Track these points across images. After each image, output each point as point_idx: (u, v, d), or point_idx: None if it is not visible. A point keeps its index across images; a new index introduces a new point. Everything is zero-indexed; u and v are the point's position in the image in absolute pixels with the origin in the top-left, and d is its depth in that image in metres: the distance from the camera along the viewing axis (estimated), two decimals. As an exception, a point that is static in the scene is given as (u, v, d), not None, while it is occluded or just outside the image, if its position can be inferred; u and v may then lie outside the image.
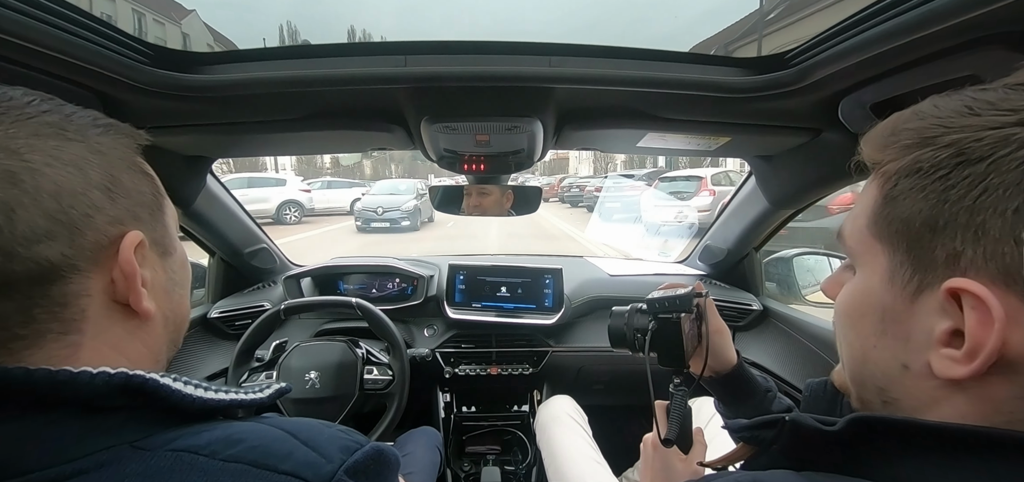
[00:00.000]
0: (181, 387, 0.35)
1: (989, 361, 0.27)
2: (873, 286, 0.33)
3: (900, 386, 0.32)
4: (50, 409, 0.31)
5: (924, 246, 0.30)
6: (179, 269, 0.44)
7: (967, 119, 0.28)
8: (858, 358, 0.36)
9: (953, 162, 0.28)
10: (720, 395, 0.74)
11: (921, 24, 0.50)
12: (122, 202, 0.36)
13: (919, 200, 0.30)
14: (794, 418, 0.33)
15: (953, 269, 0.28)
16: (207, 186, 1.18)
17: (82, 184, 0.33)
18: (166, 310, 0.42)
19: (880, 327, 0.33)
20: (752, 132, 0.87)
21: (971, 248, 0.28)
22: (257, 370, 1.14)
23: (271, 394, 0.43)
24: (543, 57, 0.71)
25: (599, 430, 1.22)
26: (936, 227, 0.29)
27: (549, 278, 1.49)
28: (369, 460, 0.36)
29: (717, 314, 0.70)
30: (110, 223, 0.35)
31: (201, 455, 0.31)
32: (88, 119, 0.36)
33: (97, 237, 0.34)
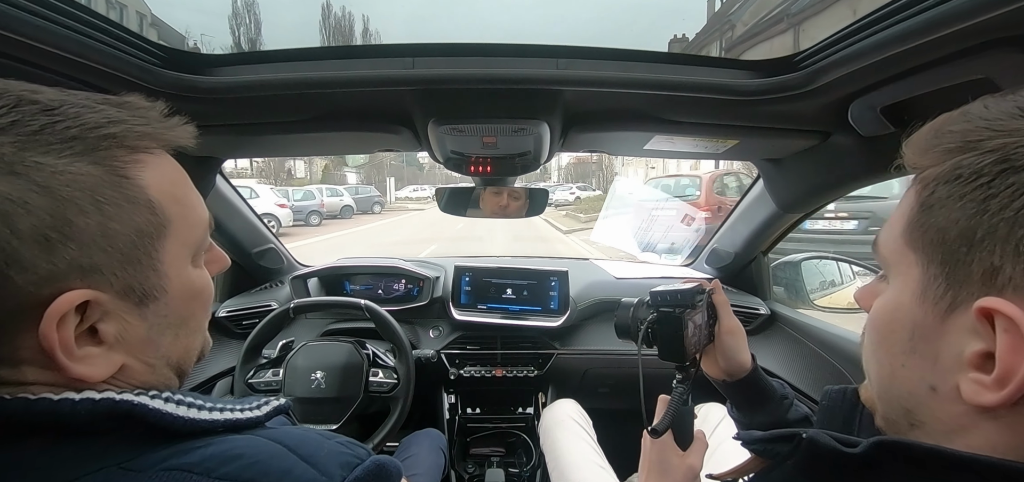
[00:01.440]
0: (172, 408, 0.33)
1: (1021, 389, 0.25)
2: (904, 300, 0.31)
3: (927, 409, 0.30)
4: (31, 436, 0.30)
5: (959, 260, 0.27)
6: (177, 307, 0.37)
7: (1017, 122, 0.26)
8: (886, 376, 0.34)
9: (996, 169, 0.26)
10: (734, 400, 0.72)
11: (932, 27, 0.49)
12: (66, 253, 0.29)
13: (957, 209, 0.27)
14: (812, 437, 0.31)
15: (989, 286, 0.26)
16: (216, 187, 1.20)
17: (4, 237, 0.27)
18: (149, 358, 0.36)
19: (909, 345, 0.31)
20: (760, 135, 0.86)
21: (1011, 264, 0.25)
22: (264, 368, 1.15)
23: (268, 412, 0.39)
24: (550, 60, 0.71)
25: (604, 434, 1.22)
26: (973, 240, 0.27)
27: (555, 280, 1.49)
28: (370, 475, 0.35)
29: (731, 314, 0.68)
30: (37, 284, 0.29)
31: (194, 473, 0.30)
32: (67, 134, 0.30)
33: (17, 301, 0.29)
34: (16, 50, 0.53)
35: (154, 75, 0.66)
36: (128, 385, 0.35)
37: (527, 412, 1.55)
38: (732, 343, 0.67)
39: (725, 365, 0.68)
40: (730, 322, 0.68)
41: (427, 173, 42.98)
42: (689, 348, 0.64)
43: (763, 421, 0.69)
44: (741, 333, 0.69)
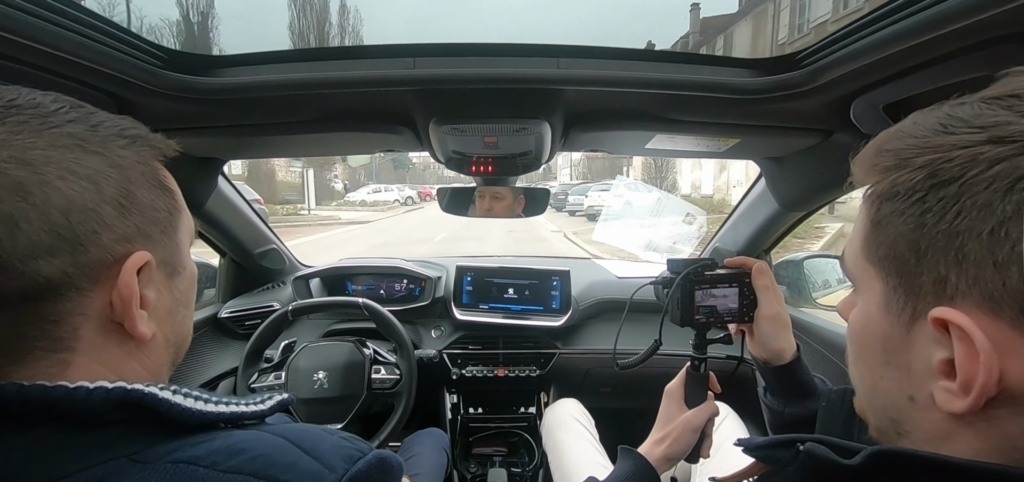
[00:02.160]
0: (180, 400, 0.34)
1: (984, 394, 0.25)
2: (872, 313, 0.32)
3: (910, 418, 0.31)
4: (45, 424, 0.30)
5: (912, 272, 0.28)
6: (186, 288, 0.43)
7: (940, 138, 0.27)
8: (868, 388, 0.34)
9: (927, 185, 0.27)
10: (770, 385, 0.73)
11: (934, 24, 0.49)
12: (134, 219, 0.35)
13: (900, 224, 0.28)
14: (809, 449, 0.31)
15: (941, 296, 0.27)
16: (218, 188, 1.20)
17: (94, 199, 0.32)
18: (168, 332, 0.40)
19: (884, 357, 0.32)
20: (762, 134, 0.86)
21: (955, 274, 0.26)
22: (266, 371, 1.15)
23: (272, 406, 0.42)
24: (551, 59, 0.71)
25: (606, 434, 1.21)
26: (919, 252, 0.27)
27: (557, 280, 1.49)
28: (372, 469, 0.36)
29: (772, 301, 0.69)
30: (117, 241, 0.34)
31: (201, 467, 0.31)
32: (115, 129, 0.36)
33: (101, 255, 0.33)
34: (18, 51, 0.54)
35: (156, 76, 0.66)
36: (151, 363, 0.39)
37: (529, 412, 1.55)
38: (769, 329, 0.68)
39: (763, 350, 0.69)
40: (769, 309, 0.68)
41: (410, 172, 40.56)
42: (697, 316, 0.68)
43: (795, 413, 0.68)
44: (780, 320, 0.68)
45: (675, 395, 0.75)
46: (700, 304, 0.68)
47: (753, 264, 0.70)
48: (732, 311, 0.70)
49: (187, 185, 1.08)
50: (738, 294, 0.69)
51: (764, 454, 0.36)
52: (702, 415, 0.72)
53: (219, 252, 1.48)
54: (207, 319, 1.41)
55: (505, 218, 1.17)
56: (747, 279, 0.70)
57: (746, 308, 0.70)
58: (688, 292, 0.68)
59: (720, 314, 0.69)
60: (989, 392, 0.25)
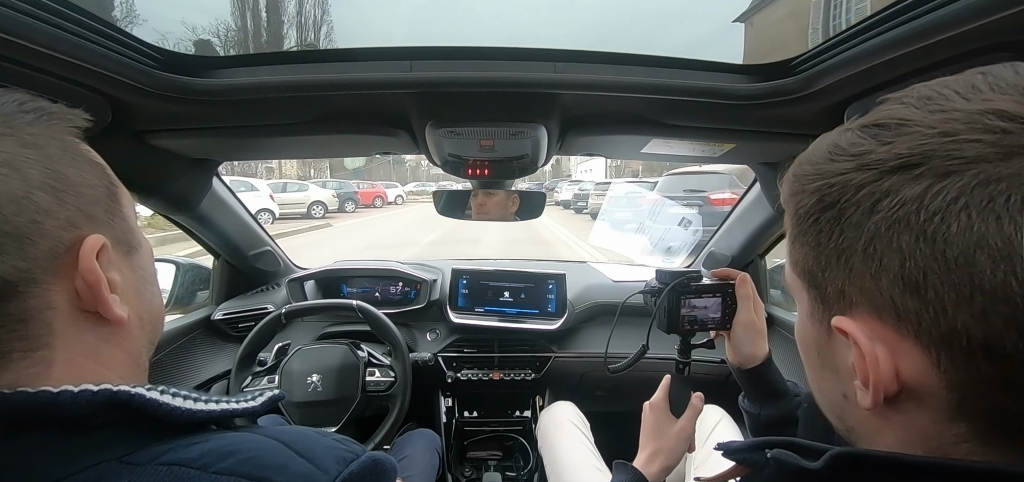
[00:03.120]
0: (169, 399, 0.34)
1: (882, 390, 0.28)
2: (804, 322, 0.35)
3: (850, 415, 0.33)
4: (31, 430, 0.30)
5: (820, 285, 0.31)
6: (147, 263, 0.42)
7: (827, 165, 0.30)
8: (816, 389, 0.37)
9: (818, 208, 0.30)
10: (745, 389, 0.76)
11: (927, 32, 0.49)
12: (71, 200, 0.33)
13: (805, 243, 0.32)
14: (775, 455, 0.33)
15: (842, 305, 0.30)
16: (213, 189, 1.19)
17: (22, 187, 0.30)
18: (140, 311, 0.39)
19: (819, 361, 0.34)
20: (757, 139, 0.87)
21: (847, 286, 0.29)
22: (260, 374, 1.14)
23: (264, 403, 0.41)
24: (548, 63, 0.71)
25: (601, 437, 1.21)
26: (821, 268, 0.31)
27: (552, 283, 1.49)
28: (365, 471, 0.35)
29: (751, 310, 0.73)
30: (62, 227, 0.32)
31: (192, 469, 0.30)
32: (12, 106, 0.33)
33: (51, 245, 0.32)
34: (12, 52, 0.53)
35: (151, 77, 0.66)
36: (131, 348, 0.38)
37: (524, 415, 1.55)
38: (743, 335, 0.73)
39: (736, 354, 0.74)
40: (746, 316, 0.73)
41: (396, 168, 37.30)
42: (682, 324, 0.73)
43: (771, 414, 0.72)
44: (755, 328, 0.73)
45: (660, 407, 0.78)
46: (686, 313, 0.73)
47: (737, 275, 0.75)
48: (715, 319, 0.74)
49: (182, 186, 1.08)
50: (721, 303, 0.74)
51: (742, 457, 0.38)
52: (692, 421, 0.77)
53: (213, 253, 1.47)
54: (200, 321, 1.40)
55: (500, 221, 1.17)
56: (730, 289, 0.74)
57: (727, 316, 0.74)
58: (674, 302, 0.73)
59: (703, 322, 0.74)
60: (888, 388, 0.28)
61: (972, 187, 0.23)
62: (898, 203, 0.25)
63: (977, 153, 0.24)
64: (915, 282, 0.25)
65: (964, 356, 0.25)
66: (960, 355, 0.25)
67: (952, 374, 0.25)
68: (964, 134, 0.24)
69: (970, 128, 0.24)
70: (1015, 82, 0.25)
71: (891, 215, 0.26)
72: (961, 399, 0.26)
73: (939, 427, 0.27)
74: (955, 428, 0.27)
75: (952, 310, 0.24)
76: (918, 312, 0.25)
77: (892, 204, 0.26)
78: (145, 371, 0.41)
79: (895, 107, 0.28)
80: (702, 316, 0.74)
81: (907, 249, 0.25)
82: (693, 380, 0.81)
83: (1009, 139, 0.23)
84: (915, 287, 0.25)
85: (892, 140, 0.27)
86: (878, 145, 0.27)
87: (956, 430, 0.27)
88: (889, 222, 0.26)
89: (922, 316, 0.25)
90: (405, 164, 40.80)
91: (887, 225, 0.26)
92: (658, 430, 0.77)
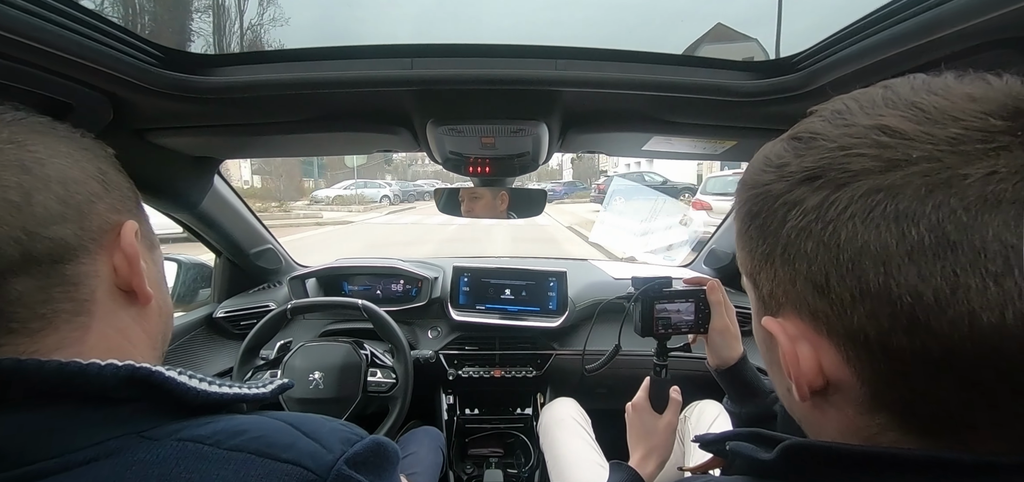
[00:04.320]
0: (186, 380, 0.36)
1: (805, 385, 0.29)
2: (755, 320, 0.37)
3: (795, 408, 0.35)
4: (61, 400, 0.32)
5: (758, 285, 0.33)
6: (161, 262, 0.46)
7: (758, 175, 0.32)
8: (771, 382, 0.39)
9: (749, 217, 0.32)
10: (725, 388, 0.81)
11: (929, 29, 0.49)
12: (115, 193, 0.39)
13: (742, 249, 0.34)
14: (733, 447, 0.35)
15: (774, 306, 0.32)
16: (214, 187, 1.19)
17: (81, 174, 0.36)
18: (160, 300, 0.43)
19: (768, 356, 0.36)
20: (759, 136, 0.87)
21: (776, 288, 0.31)
22: (262, 369, 1.15)
23: (274, 389, 0.44)
24: (549, 60, 0.71)
25: (603, 434, 1.22)
26: (755, 270, 0.33)
27: (553, 281, 1.49)
28: (369, 452, 0.37)
29: (723, 314, 0.78)
30: (109, 210, 0.38)
31: (206, 444, 0.32)
32: (65, 125, 0.38)
33: (100, 222, 0.37)
34: (14, 50, 0.53)
35: (152, 75, 0.66)
36: (153, 330, 0.42)
37: (525, 413, 1.55)
38: (718, 340, 0.78)
39: (713, 357, 0.79)
40: (719, 322, 0.78)
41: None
42: (657, 328, 0.78)
43: (751, 412, 0.77)
44: (729, 332, 0.78)
45: (644, 407, 0.82)
46: (659, 317, 0.78)
47: (707, 282, 0.80)
48: (689, 323, 0.79)
49: (183, 184, 1.09)
50: (694, 308, 0.79)
51: (715, 449, 0.40)
52: (676, 414, 0.81)
53: (215, 251, 1.47)
54: (202, 319, 1.41)
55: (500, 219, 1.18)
56: (703, 295, 0.79)
57: (701, 321, 0.79)
58: (648, 307, 0.77)
59: (677, 325, 0.79)
60: (813, 383, 0.29)
61: (858, 197, 0.25)
62: (802, 212, 0.28)
63: (862, 167, 0.25)
64: (820, 284, 0.27)
65: (866, 352, 0.26)
66: (863, 351, 0.27)
67: (860, 368, 0.27)
68: (855, 148, 0.26)
69: (861, 142, 0.26)
70: (909, 97, 0.26)
71: (798, 223, 0.28)
72: (873, 392, 0.27)
73: (864, 418, 0.29)
74: (877, 418, 0.28)
75: (850, 309, 0.26)
76: (826, 312, 0.27)
77: (798, 213, 0.28)
78: (162, 359, 0.43)
79: (813, 120, 0.30)
80: (676, 320, 0.78)
81: (811, 254, 0.27)
82: (694, 377, 0.82)
83: (888, 153, 0.25)
84: (821, 289, 0.27)
85: (804, 153, 0.29)
86: (794, 157, 0.29)
87: (878, 420, 0.28)
88: (797, 230, 0.28)
89: (829, 315, 0.27)
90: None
91: (796, 232, 0.28)
92: (646, 429, 0.81)
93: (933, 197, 0.23)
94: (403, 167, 38.24)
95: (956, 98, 0.25)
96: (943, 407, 0.26)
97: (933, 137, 0.24)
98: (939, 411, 0.26)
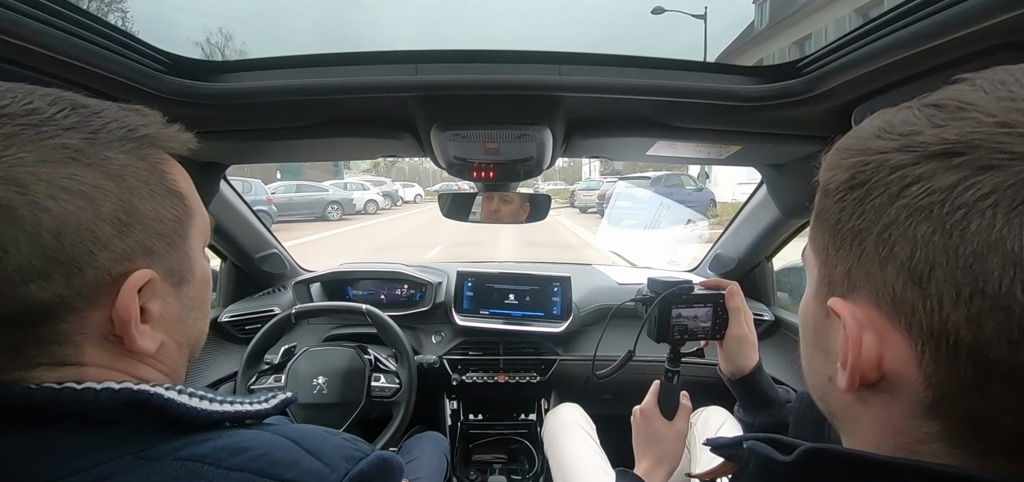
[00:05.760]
0: (186, 399, 0.35)
1: (858, 376, 0.28)
2: (809, 298, 0.35)
3: (833, 399, 0.33)
4: (54, 424, 0.31)
5: (831, 263, 0.31)
6: (197, 293, 0.41)
7: (872, 142, 0.28)
8: (806, 368, 0.37)
9: (847, 185, 0.29)
10: (738, 398, 0.78)
11: (935, 32, 0.49)
12: (135, 235, 0.33)
13: (826, 220, 0.31)
14: (750, 446, 0.33)
15: (845, 287, 0.29)
16: (220, 192, 1.20)
17: (90, 218, 0.31)
18: (178, 337, 0.40)
19: (814, 338, 0.34)
20: (763, 141, 0.86)
21: (856, 267, 0.28)
22: (266, 374, 1.15)
23: (276, 405, 0.42)
24: (552, 65, 0.71)
25: (608, 439, 1.21)
26: (836, 246, 0.30)
27: (557, 286, 1.48)
28: (374, 469, 0.36)
29: (742, 322, 0.75)
30: (115, 260, 0.32)
31: (206, 463, 0.32)
32: (119, 131, 0.34)
33: (98, 276, 0.32)
34: (22, 56, 0.54)
35: (159, 81, 0.67)
36: (165, 367, 0.39)
37: (529, 418, 1.54)
38: (734, 348, 0.75)
39: (728, 365, 0.76)
40: (737, 329, 0.75)
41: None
42: (673, 333, 0.75)
43: (763, 422, 0.74)
44: (747, 340, 0.74)
45: (653, 412, 0.79)
46: (676, 323, 0.75)
47: (726, 286, 0.76)
48: (705, 329, 0.76)
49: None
50: (711, 314, 0.76)
51: (727, 453, 0.39)
52: (686, 421, 0.79)
53: (220, 256, 1.48)
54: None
55: (505, 224, 1.18)
56: (721, 300, 0.76)
57: (718, 327, 0.76)
58: (665, 311, 0.75)
59: (693, 331, 0.76)
60: (867, 375, 0.28)
61: (1008, 185, 0.22)
62: (926, 191, 0.24)
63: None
64: (920, 274, 0.25)
65: (949, 355, 0.24)
66: (945, 353, 0.24)
67: (932, 371, 0.25)
68: (1020, 126, 0.22)
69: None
70: None
71: (915, 202, 0.25)
72: (937, 398, 0.26)
73: (911, 422, 0.27)
74: (926, 426, 0.27)
75: (948, 308, 0.24)
76: (914, 305, 0.25)
77: (920, 191, 0.24)
78: (180, 378, 0.42)
79: (963, 87, 0.26)
80: (693, 326, 0.76)
81: (921, 239, 0.24)
82: (701, 383, 0.81)
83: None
84: (918, 279, 0.25)
85: (945, 123, 0.25)
86: (929, 126, 0.25)
87: (927, 428, 0.27)
88: (911, 210, 0.25)
89: (917, 309, 0.25)
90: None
91: (908, 213, 0.25)
92: (655, 436, 0.78)
93: None
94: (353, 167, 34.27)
95: None
96: (1016, 428, 0.24)
97: None
98: (1009, 431, 0.24)
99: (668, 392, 0.80)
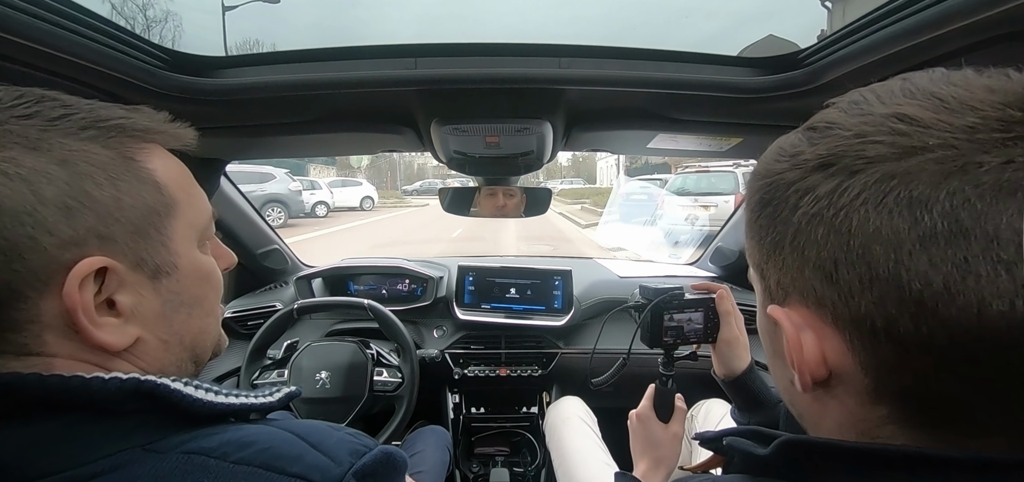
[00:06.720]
0: (192, 391, 0.35)
1: (808, 375, 0.29)
2: (759, 311, 0.37)
3: (796, 401, 0.35)
4: (62, 413, 0.31)
5: (765, 275, 0.33)
6: (184, 287, 0.39)
7: (772, 165, 0.32)
8: (773, 378, 0.38)
9: (760, 205, 0.32)
10: (733, 399, 0.80)
11: (937, 22, 0.49)
12: (86, 220, 0.32)
13: (751, 239, 0.34)
14: (729, 442, 0.35)
15: (780, 295, 0.32)
16: (221, 188, 1.20)
17: (30, 202, 0.30)
18: (163, 334, 0.38)
19: (771, 347, 0.36)
20: (764, 133, 0.86)
21: (783, 277, 0.31)
22: (269, 369, 1.15)
23: (281, 398, 0.43)
24: (553, 59, 0.71)
25: (609, 432, 1.21)
26: (766, 258, 0.33)
27: (558, 279, 1.49)
28: (377, 463, 0.37)
29: (732, 325, 0.77)
30: (62, 246, 0.31)
31: (212, 458, 0.32)
32: (82, 122, 0.33)
33: (44, 261, 0.31)
34: (20, 54, 0.54)
35: (158, 78, 0.66)
36: (147, 364, 0.37)
37: (531, 412, 1.55)
38: (726, 351, 0.78)
39: (721, 367, 0.79)
40: (728, 333, 0.77)
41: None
42: (665, 338, 0.76)
43: (758, 420, 0.75)
44: (738, 343, 0.77)
45: (649, 416, 0.81)
46: (668, 326, 0.77)
47: (717, 289, 0.79)
48: (697, 332, 0.78)
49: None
50: (703, 317, 0.78)
51: (714, 446, 0.40)
52: (682, 423, 0.80)
53: (222, 252, 1.48)
54: None
55: (505, 218, 1.18)
56: (712, 304, 0.77)
57: (710, 330, 0.78)
58: (657, 317, 0.76)
59: (686, 335, 0.77)
60: (816, 373, 0.29)
61: (871, 184, 0.25)
62: (814, 199, 0.28)
63: (877, 153, 0.25)
64: (828, 272, 0.27)
65: (871, 340, 0.27)
66: (868, 339, 0.27)
67: (864, 357, 0.27)
68: (871, 136, 0.26)
69: (877, 130, 0.26)
70: (927, 88, 0.26)
71: (810, 210, 0.28)
72: (876, 382, 0.28)
73: (864, 410, 0.29)
74: (878, 410, 0.28)
75: (858, 296, 0.26)
76: (833, 299, 0.28)
77: (810, 200, 0.28)
78: (194, 369, 0.42)
79: (829, 111, 0.30)
80: (686, 329, 0.77)
81: (821, 240, 0.27)
82: (703, 376, 0.82)
83: (904, 140, 0.25)
84: (829, 275, 0.27)
85: (818, 141, 0.29)
86: (808, 146, 0.29)
87: (878, 412, 0.28)
88: (808, 217, 0.28)
89: (836, 303, 0.28)
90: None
91: (807, 219, 0.28)
92: (652, 439, 0.79)
93: (948, 184, 0.23)
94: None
95: (975, 89, 0.25)
96: (944, 398, 0.26)
97: (950, 125, 0.24)
98: (940, 403, 0.26)
99: (663, 395, 0.81)
